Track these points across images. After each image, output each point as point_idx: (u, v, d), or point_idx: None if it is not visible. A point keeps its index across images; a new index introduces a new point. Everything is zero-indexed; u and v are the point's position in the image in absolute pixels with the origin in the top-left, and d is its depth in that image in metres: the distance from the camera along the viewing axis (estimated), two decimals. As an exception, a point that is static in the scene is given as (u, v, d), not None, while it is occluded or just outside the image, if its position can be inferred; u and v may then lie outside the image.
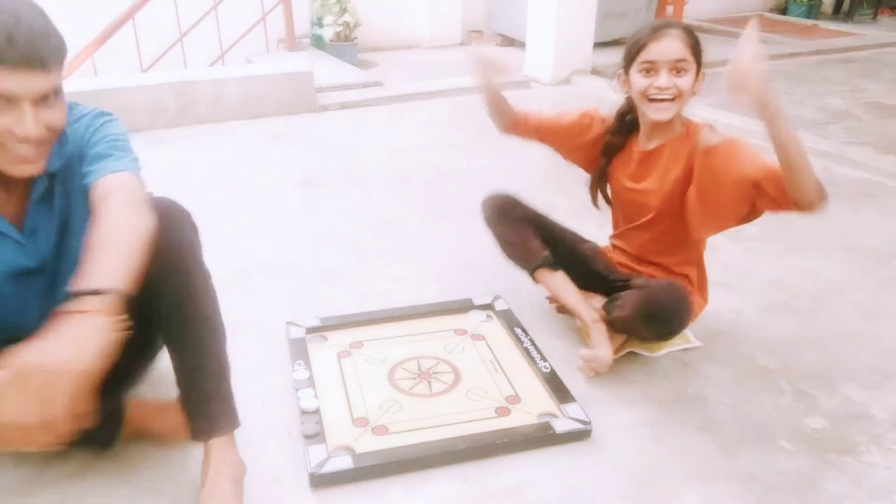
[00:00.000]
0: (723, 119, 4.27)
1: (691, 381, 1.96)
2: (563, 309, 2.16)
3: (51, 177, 1.29)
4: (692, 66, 1.78)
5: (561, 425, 1.73)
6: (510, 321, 2.17)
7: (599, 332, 1.94)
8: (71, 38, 4.76)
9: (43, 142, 1.15)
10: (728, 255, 2.70)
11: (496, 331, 2.16)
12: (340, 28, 5.76)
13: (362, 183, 3.36)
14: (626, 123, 1.98)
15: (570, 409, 1.79)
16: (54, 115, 1.16)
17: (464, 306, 2.26)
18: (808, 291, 2.46)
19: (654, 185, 1.92)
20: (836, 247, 2.79)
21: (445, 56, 6.36)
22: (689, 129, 1.89)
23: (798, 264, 2.65)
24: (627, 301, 1.86)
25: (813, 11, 8.00)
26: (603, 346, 1.92)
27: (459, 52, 6.54)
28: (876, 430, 1.79)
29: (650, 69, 1.77)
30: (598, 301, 2.07)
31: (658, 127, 1.88)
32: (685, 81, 1.78)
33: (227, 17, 5.12)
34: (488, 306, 2.27)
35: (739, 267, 2.61)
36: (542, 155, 3.56)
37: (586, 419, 1.75)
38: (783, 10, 8.29)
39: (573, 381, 1.92)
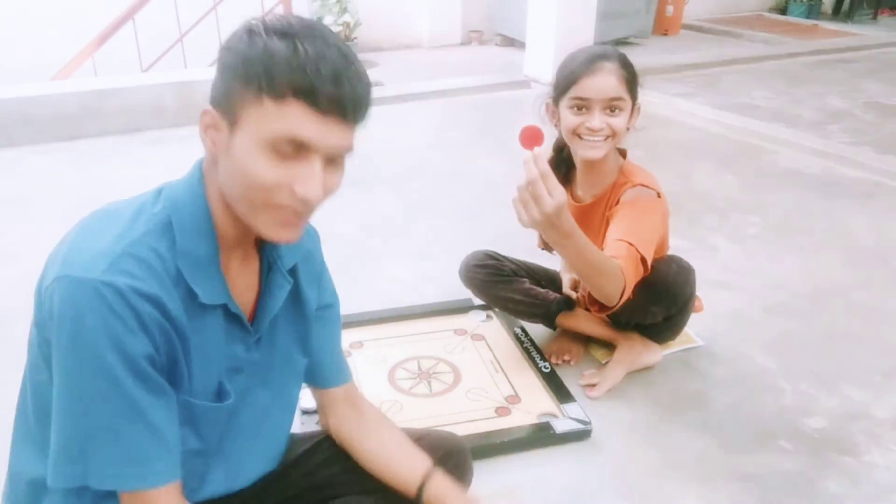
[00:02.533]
0: (723, 119, 4.28)
1: (691, 381, 1.96)
2: (566, 358, 2.03)
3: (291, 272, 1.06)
4: (627, 104, 1.64)
5: (561, 425, 1.73)
6: (510, 321, 2.17)
7: (618, 359, 1.93)
8: (71, 38, 4.75)
9: (314, 208, 0.91)
10: (728, 255, 2.70)
11: (496, 331, 2.16)
12: (340, 28, 5.76)
13: (362, 183, 3.36)
14: (564, 159, 1.83)
15: (570, 409, 1.79)
16: (334, 180, 0.91)
17: (464, 306, 2.26)
18: (808, 291, 2.46)
19: (597, 240, 1.69)
20: (836, 247, 2.79)
21: (445, 56, 6.36)
22: (618, 182, 1.74)
23: (798, 264, 2.65)
24: (636, 290, 1.71)
25: (813, 11, 8.01)
26: (614, 371, 1.90)
27: (459, 52, 6.55)
28: (876, 430, 1.79)
29: (582, 106, 1.63)
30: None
31: (592, 168, 1.74)
32: (619, 121, 1.63)
33: (227, 17, 5.12)
34: (488, 306, 2.26)
35: (739, 267, 2.61)
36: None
37: (586, 419, 1.75)
38: (783, 10, 8.30)
39: (573, 380, 1.92)
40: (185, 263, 0.89)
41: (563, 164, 1.83)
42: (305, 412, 1.75)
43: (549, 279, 2.10)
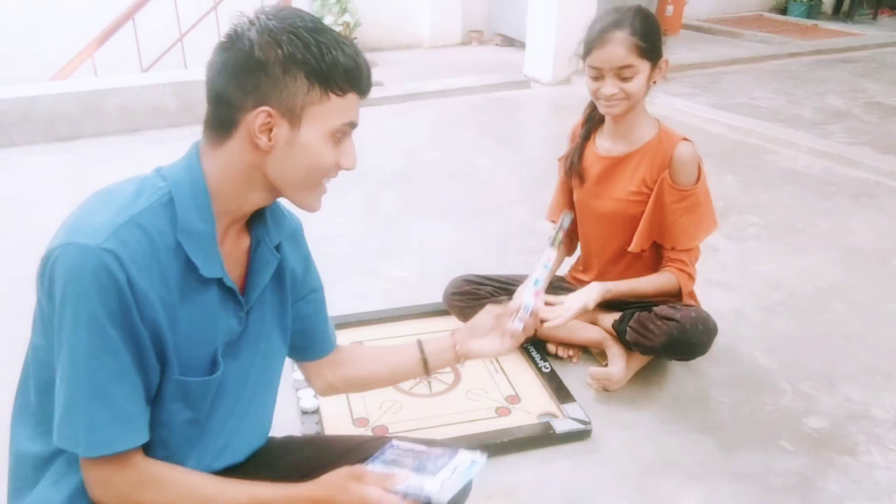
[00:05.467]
0: (723, 119, 4.28)
1: (691, 381, 1.96)
2: (571, 353, 2.05)
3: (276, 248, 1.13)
4: (641, 68, 1.71)
5: (561, 425, 1.73)
6: (510, 321, 2.17)
7: (616, 353, 1.93)
8: (71, 38, 4.74)
9: None
10: (728, 255, 2.69)
11: (496, 331, 2.16)
12: (340, 28, 5.75)
13: (362, 183, 3.36)
14: (595, 115, 1.92)
15: (570, 408, 1.79)
16: None
17: (464, 306, 2.26)
18: (808, 291, 2.46)
19: (619, 194, 1.87)
20: (836, 247, 2.79)
21: (445, 56, 6.36)
22: (661, 137, 1.84)
23: (798, 264, 2.64)
24: (655, 333, 1.79)
25: (813, 11, 8.00)
26: (617, 365, 1.90)
27: (459, 52, 6.55)
28: (876, 430, 1.79)
29: (596, 75, 1.74)
30: (600, 313, 2.03)
31: (621, 122, 1.83)
32: (633, 85, 1.72)
33: (227, 17, 5.10)
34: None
35: (739, 267, 2.60)
36: (541, 156, 3.54)
37: (586, 419, 1.75)
38: (783, 10, 8.29)
39: (573, 380, 1.92)
40: (185, 238, 0.95)
41: (596, 112, 1.91)
42: (305, 412, 1.75)
43: None
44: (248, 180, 1.00)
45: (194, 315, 0.98)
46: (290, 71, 0.93)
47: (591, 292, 1.80)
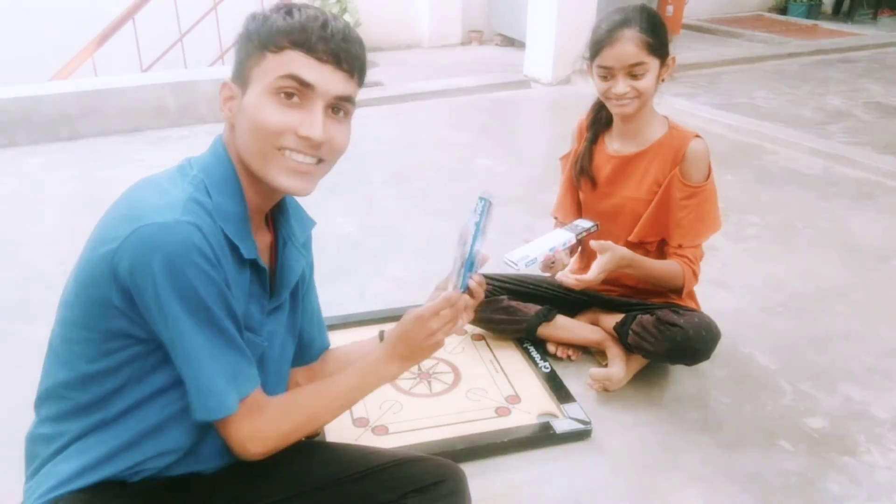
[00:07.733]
0: (723, 119, 4.27)
1: (691, 382, 1.96)
2: (570, 353, 2.05)
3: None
4: (652, 65, 1.72)
5: (561, 425, 1.73)
6: (510, 321, 2.17)
7: (616, 353, 1.93)
8: (71, 38, 4.73)
9: (319, 161, 1.01)
10: (728, 255, 2.70)
11: (496, 331, 2.16)
12: (340, 28, 5.75)
13: (362, 183, 3.36)
14: (602, 117, 1.93)
15: (570, 408, 1.79)
16: (339, 134, 1.01)
17: (464, 306, 2.26)
18: (808, 291, 2.46)
19: (631, 192, 1.87)
20: (836, 247, 2.79)
21: (445, 56, 6.36)
22: (672, 134, 1.84)
23: (798, 264, 2.64)
24: (658, 338, 1.77)
25: (813, 11, 7.99)
26: (617, 366, 1.90)
27: (459, 52, 6.55)
28: (876, 430, 1.79)
29: (606, 74, 1.73)
30: (601, 314, 2.04)
31: (630, 122, 1.83)
32: (644, 83, 1.72)
33: (227, 17, 5.12)
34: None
35: (739, 267, 2.61)
36: (541, 156, 3.54)
37: (586, 419, 1.75)
38: (783, 10, 8.29)
39: (573, 380, 1.92)
40: (221, 220, 0.98)
41: (602, 114, 1.92)
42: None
43: (535, 285, 2.08)
44: (239, 161, 1.02)
45: (235, 292, 1.01)
46: (243, 43, 0.98)
47: (611, 261, 1.73)
